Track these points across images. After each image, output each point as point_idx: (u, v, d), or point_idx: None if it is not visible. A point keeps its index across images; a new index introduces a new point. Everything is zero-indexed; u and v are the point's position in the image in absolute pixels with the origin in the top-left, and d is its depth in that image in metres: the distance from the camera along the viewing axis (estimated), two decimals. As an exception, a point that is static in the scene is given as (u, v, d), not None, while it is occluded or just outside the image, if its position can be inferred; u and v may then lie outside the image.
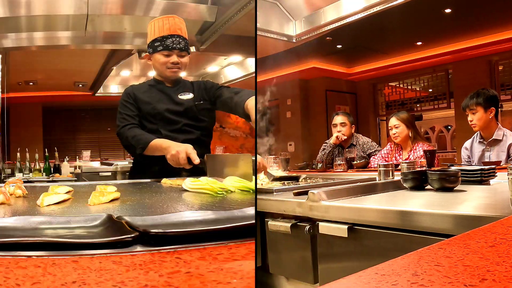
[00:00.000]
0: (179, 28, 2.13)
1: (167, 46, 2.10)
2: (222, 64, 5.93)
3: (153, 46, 2.13)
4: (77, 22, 3.95)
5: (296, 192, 1.67)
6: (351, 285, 0.49)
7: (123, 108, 2.14)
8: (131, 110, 2.12)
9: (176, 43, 2.10)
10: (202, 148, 2.19)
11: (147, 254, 0.66)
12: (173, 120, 2.11)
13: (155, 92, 2.18)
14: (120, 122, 2.12)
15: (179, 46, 2.11)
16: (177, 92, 2.17)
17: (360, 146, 3.82)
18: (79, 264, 0.60)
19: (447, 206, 1.29)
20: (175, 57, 2.12)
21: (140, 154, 2.03)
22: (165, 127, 2.10)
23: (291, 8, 4.02)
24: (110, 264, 0.61)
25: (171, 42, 2.10)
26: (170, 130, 2.10)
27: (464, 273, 0.51)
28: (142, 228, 0.74)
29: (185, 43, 2.13)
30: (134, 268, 0.59)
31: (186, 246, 0.69)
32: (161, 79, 2.20)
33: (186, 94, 2.17)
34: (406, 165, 2.08)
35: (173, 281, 0.54)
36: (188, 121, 2.13)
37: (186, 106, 2.14)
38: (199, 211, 0.91)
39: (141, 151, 2.01)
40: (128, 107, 2.13)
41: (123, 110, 2.14)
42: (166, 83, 2.20)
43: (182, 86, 2.21)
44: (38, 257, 0.63)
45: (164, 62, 2.12)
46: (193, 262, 0.62)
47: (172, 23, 2.12)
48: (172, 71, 2.14)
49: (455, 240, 0.68)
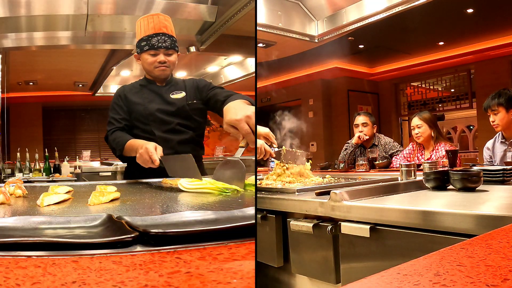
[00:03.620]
0: (164, 26, 2.10)
1: (153, 45, 2.07)
2: (222, 64, 5.93)
3: (140, 46, 2.11)
4: (77, 22, 3.95)
5: (318, 192, 1.66)
6: (373, 285, 0.49)
7: (112, 111, 2.14)
8: (119, 114, 2.11)
9: (162, 42, 2.07)
10: (197, 148, 2.18)
11: (147, 254, 0.66)
12: (165, 121, 2.09)
13: (146, 92, 2.15)
14: (107, 127, 2.12)
15: (164, 45, 2.08)
16: (169, 91, 2.15)
17: (382, 146, 3.83)
18: (79, 264, 0.60)
19: (469, 206, 1.29)
20: (162, 56, 2.09)
21: (121, 156, 2.02)
22: (158, 127, 2.08)
23: (313, 8, 4.01)
24: (110, 264, 0.61)
25: (156, 41, 2.07)
26: (163, 130, 2.08)
27: (486, 273, 0.51)
28: (142, 228, 0.74)
29: (171, 41, 2.10)
30: (134, 268, 0.59)
31: (186, 246, 0.69)
32: (151, 78, 2.17)
33: (177, 93, 2.14)
34: (428, 165, 2.08)
35: (173, 281, 0.54)
36: (181, 121, 2.10)
37: (178, 105, 2.11)
38: (199, 211, 0.91)
39: (120, 153, 2.00)
40: (116, 110, 2.12)
41: (112, 114, 2.13)
42: (157, 82, 2.17)
43: (174, 85, 2.18)
44: (38, 257, 0.63)
45: (152, 61, 2.10)
46: (193, 262, 0.62)
47: (157, 21, 2.09)
48: (160, 69, 2.11)
49: (477, 240, 0.68)
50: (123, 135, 2.05)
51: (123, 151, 1.98)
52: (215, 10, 4.05)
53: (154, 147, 1.76)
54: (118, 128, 2.09)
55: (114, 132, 2.08)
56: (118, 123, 2.10)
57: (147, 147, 1.76)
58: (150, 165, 1.75)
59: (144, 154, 1.76)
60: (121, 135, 2.04)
